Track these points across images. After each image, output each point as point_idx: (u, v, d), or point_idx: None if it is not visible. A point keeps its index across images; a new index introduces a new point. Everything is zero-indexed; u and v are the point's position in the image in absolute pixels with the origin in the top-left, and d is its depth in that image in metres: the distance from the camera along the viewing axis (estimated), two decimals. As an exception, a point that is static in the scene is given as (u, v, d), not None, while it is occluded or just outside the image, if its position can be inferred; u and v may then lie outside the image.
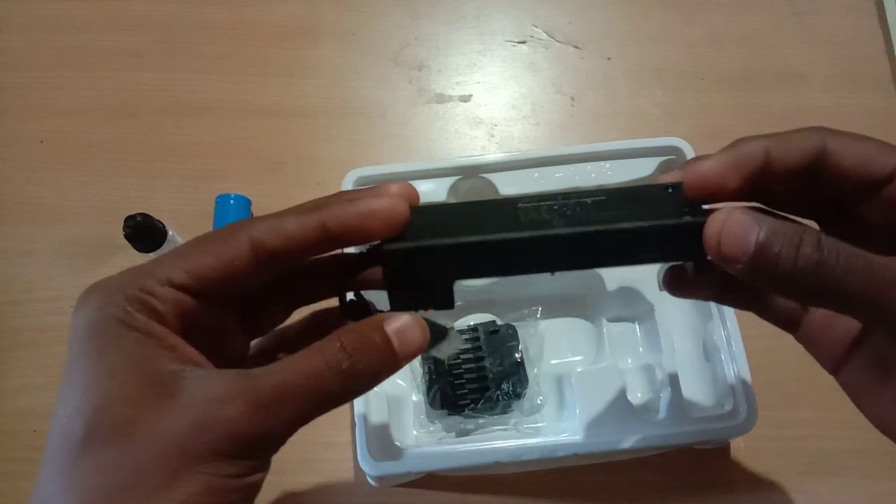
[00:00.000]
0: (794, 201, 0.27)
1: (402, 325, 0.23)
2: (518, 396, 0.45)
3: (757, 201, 0.27)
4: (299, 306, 0.29)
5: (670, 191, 0.25)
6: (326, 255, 0.25)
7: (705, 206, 0.25)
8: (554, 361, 0.48)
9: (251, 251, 0.22)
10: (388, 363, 0.23)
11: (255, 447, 0.21)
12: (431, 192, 0.49)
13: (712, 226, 0.23)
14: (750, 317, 0.32)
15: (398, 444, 0.43)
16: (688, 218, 0.24)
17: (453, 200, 0.50)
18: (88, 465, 0.20)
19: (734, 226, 0.23)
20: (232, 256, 0.22)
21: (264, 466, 0.22)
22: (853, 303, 0.23)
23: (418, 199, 0.25)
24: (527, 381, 0.45)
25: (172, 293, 0.22)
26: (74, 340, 0.23)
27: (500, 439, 0.43)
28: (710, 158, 0.24)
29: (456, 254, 0.24)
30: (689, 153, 0.49)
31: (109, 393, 0.21)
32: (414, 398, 0.47)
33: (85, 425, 0.21)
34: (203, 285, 0.23)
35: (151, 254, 0.50)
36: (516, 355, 0.46)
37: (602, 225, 0.24)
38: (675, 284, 0.30)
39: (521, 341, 0.46)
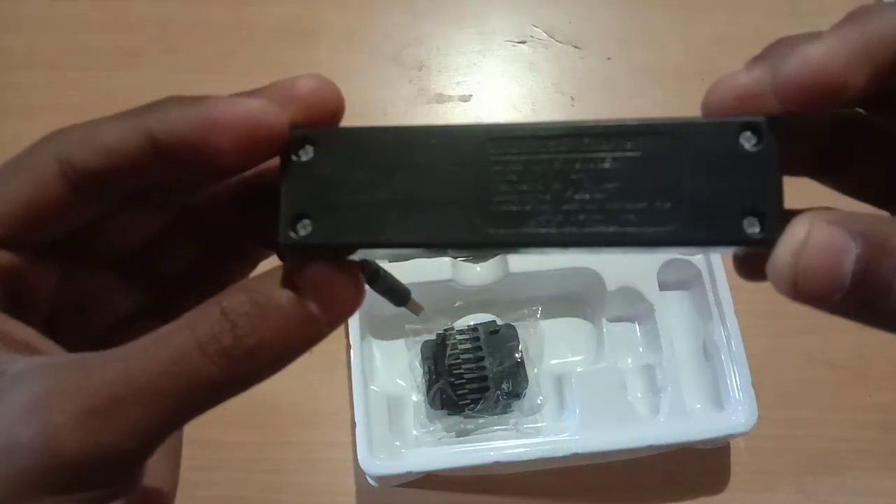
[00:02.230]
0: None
1: (319, 274, 0.16)
2: (518, 396, 0.45)
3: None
4: (218, 249, 0.20)
5: (742, 143, 0.16)
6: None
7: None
8: (554, 361, 0.48)
9: (62, 174, 0.16)
10: (305, 331, 0.16)
11: (95, 471, 0.15)
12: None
13: (783, 256, 0.15)
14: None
15: (398, 444, 0.44)
16: (754, 231, 0.16)
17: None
18: None
19: (817, 255, 0.14)
20: (36, 184, 0.17)
21: (123, 491, 0.16)
22: None
23: (334, 112, 0.16)
24: (527, 381, 0.45)
25: None
26: None
27: (500, 439, 0.43)
28: (816, 42, 0.16)
29: (380, 247, 0.16)
30: (689, 153, 0.49)
31: None
32: (414, 398, 0.47)
33: None
34: (14, 232, 0.16)
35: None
36: (516, 355, 0.46)
37: (616, 227, 0.15)
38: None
39: (521, 341, 0.46)
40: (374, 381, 0.45)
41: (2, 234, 0.16)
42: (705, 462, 0.47)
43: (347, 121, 0.16)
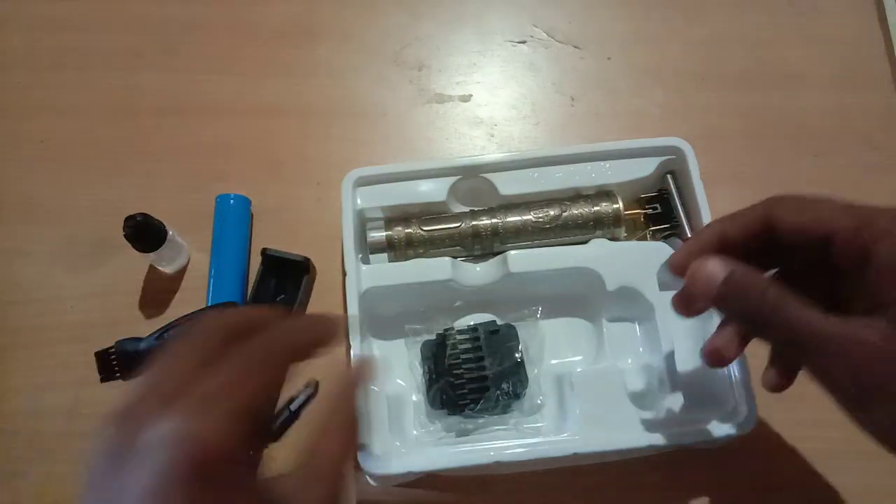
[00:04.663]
0: (767, 259, 0.33)
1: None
2: (518, 396, 0.45)
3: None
4: None
5: None
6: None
7: None
8: (554, 361, 0.48)
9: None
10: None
11: None
12: (431, 191, 0.49)
13: (690, 269, 0.31)
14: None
15: (398, 444, 0.43)
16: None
17: (454, 200, 0.50)
18: None
19: (704, 271, 0.30)
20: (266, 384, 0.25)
21: None
22: (785, 347, 0.31)
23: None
24: (527, 381, 0.45)
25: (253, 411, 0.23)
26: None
27: (500, 439, 0.43)
28: (677, 251, 0.33)
29: None
30: (689, 153, 0.49)
31: None
32: (414, 398, 0.47)
33: None
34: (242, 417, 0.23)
35: (151, 254, 0.50)
36: (516, 355, 0.46)
37: None
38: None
39: (521, 341, 0.46)
40: (374, 381, 0.45)
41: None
42: (705, 462, 0.47)
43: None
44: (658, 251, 0.47)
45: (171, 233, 0.51)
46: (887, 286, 0.26)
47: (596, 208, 0.48)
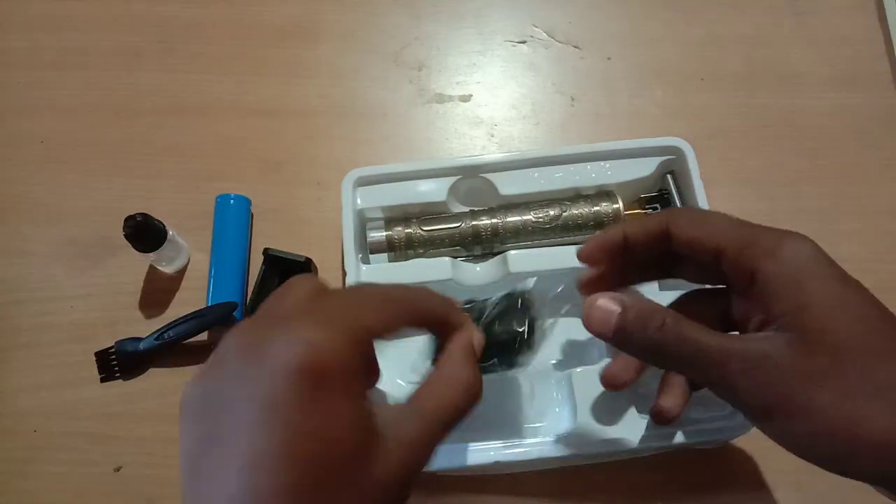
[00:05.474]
0: (667, 268, 0.35)
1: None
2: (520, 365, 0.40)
3: (637, 271, 0.36)
4: None
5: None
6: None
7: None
8: (554, 361, 0.48)
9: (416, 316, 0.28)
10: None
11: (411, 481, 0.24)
12: (431, 191, 0.49)
13: (584, 308, 0.32)
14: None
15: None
16: None
17: (454, 200, 0.50)
18: None
19: (598, 310, 0.31)
20: (403, 314, 0.27)
21: None
22: (687, 372, 0.34)
23: None
24: (530, 348, 0.41)
25: (370, 337, 0.25)
26: (288, 379, 0.22)
27: (500, 439, 0.43)
28: (587, 242, 0.36)
29: None
30: (689, 153, 0.49)
31: (328, 440, 0.22)
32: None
33: (299, 469, 0.21)
34: (383, 334, 0.25)
35: (151, 254, 0.50)
36: (519, 329, 0.41)
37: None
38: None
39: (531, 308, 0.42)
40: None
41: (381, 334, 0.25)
42: (705, 462, 0.47)
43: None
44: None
45: (171, 233, 0.51)
46: (773, 301, 0.28)
47: (596, 208, 0.48)
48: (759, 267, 0.28)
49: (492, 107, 0.60)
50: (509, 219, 0.48)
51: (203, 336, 0.51)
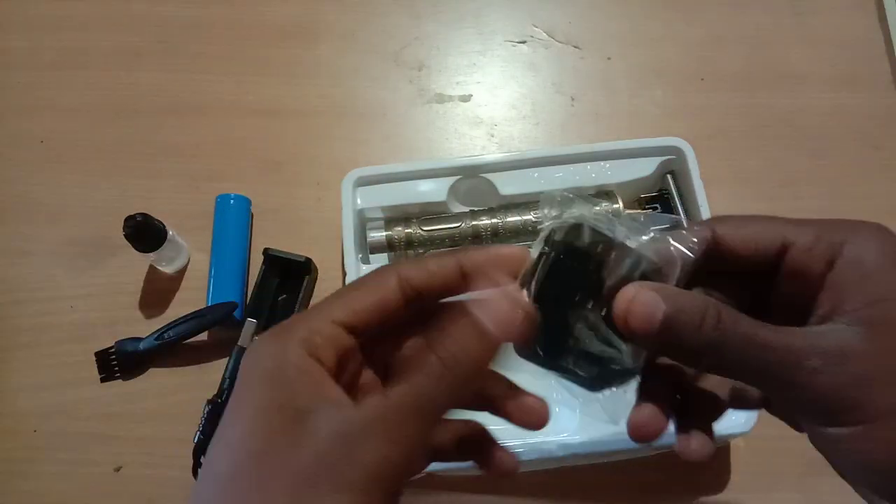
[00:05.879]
0: (711, 282, 0.29)
1: (493, 311, 0.23)
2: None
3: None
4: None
5: None
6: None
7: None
8: (554, 361, 0.48)
9: (399, 287, 0.25)
10: (489, 356, 0.24)
11: (394, 477, 0.23)
12: (431, 191, 0.49)
13: (619, 303, 0.25)
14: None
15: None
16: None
17: (454, 200, 0.50)
18: (228, 495, 0.22)
19: (640, 304, 0.25)
20: (385, 292, 0.25)
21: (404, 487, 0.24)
22: (747, 376, 0.25)
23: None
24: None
25: (334, 330, 0.24)
26: (252, 376, 0.23)
27: (499, 439, 0.43)
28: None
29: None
30: (689, 153, 0.49)
31: (253, 428, 0.22)
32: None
33: (230, 457, 0.22)
34: (361, 320, 0.24)
35: (151, 254, 0.50)
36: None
37: None
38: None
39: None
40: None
41: (355, 324, 0.24)
42: (705, 462, 0.47)
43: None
44: (658, 251, 0.47)
45: (171, 233, 0.51)
46: (851, 292, 0.25)
47: (596, 208, 0.48)
48: (841, 252, 0.25)
49: (492, 107, 0.60)
50: (509, 219, 0.48)
51: (203, 336, 0.51)
